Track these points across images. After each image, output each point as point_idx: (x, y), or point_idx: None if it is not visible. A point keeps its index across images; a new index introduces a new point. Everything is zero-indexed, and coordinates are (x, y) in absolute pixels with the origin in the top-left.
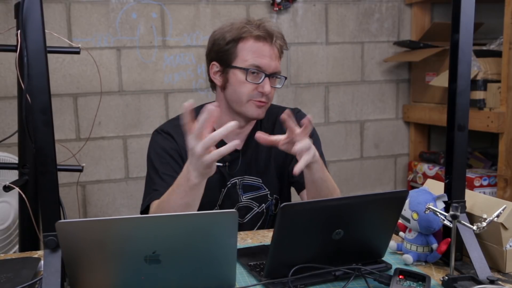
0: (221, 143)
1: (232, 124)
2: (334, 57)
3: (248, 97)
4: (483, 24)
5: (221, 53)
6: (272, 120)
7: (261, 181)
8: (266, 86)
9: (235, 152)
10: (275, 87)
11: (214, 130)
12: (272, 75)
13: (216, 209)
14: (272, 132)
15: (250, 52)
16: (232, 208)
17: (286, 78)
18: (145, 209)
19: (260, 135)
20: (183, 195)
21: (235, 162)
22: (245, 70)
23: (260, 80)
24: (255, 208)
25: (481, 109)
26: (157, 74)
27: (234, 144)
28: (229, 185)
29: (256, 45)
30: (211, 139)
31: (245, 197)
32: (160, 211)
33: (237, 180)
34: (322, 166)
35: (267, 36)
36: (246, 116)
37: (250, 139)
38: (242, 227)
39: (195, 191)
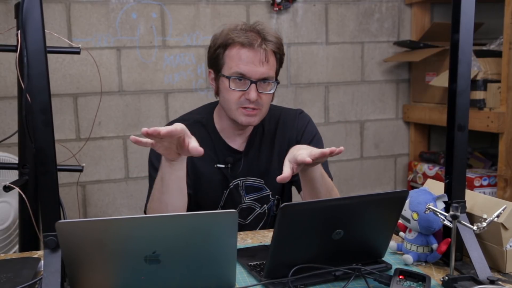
0: (225, 146)
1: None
2: (334, 57)
3: (236, 104)
4: (483, 24)
5: (212, 60)
6: (274, 121)
7: (263, 182)
8: (251, 93)
9: (237, 153)
10: (265, 92)
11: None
12: (261, 81)
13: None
14: (274, 133)
15: (234, 60)
16: (235, 209)
17: (278, 82)
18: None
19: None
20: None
21: (237, 163)
22: (228, 78)
23: (246, 87)
24: (257, 209)
25: (481, 109)
26: (157, 74)
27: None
28: (232, 186)
29: (240, 51)
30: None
31: (247, 198)
32: (151, 203)
33: (239, 181)
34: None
35: (253, 41)
36: (237, 123)
37: (252, 141)
38: (245, 228)
39: (168, 168)
